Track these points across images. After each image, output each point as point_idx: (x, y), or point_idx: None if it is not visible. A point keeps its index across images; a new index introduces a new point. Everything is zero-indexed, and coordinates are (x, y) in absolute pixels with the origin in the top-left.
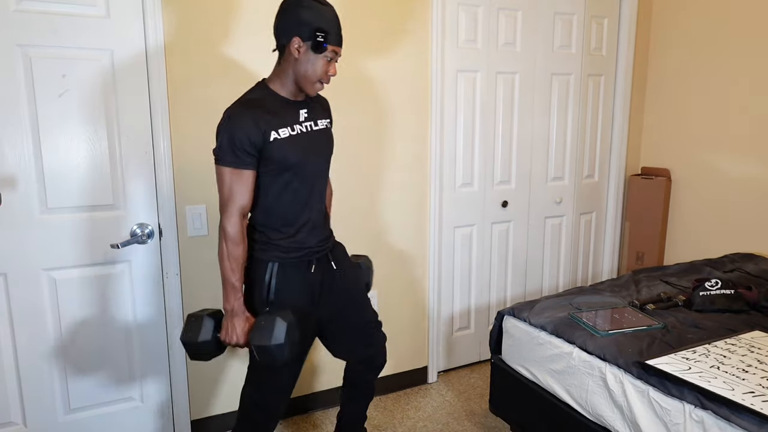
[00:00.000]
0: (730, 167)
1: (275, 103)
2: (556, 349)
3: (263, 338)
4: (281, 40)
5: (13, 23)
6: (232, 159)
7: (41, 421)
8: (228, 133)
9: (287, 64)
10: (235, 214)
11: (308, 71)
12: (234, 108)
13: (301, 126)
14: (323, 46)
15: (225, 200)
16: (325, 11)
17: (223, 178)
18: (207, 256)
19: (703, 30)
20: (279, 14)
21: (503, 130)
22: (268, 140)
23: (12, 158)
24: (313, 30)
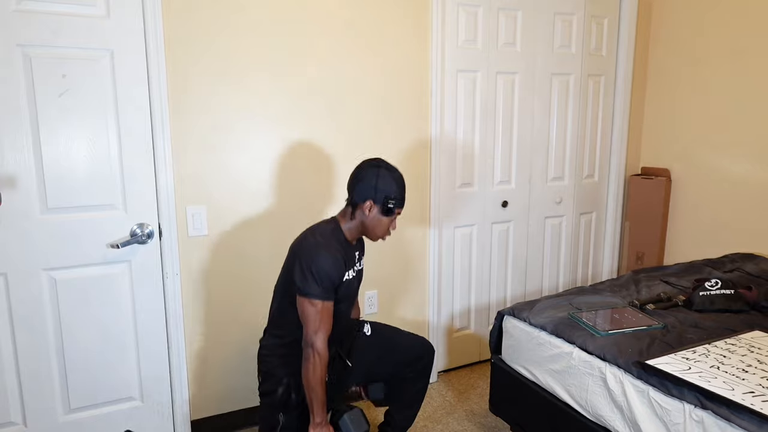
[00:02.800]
0: (730, 167)
1: (346, 246)
2: (556, 349)
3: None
4: (355, 198)
5: (13, 23)
6: (323, 293)
7: (41, 421)
8: (321, 272)
9: (357, 217)
10: (325, 338)
11: (376, 228)
12: (322, 250)
13: (353, 269)
14: (392, 211)
15: (316, 326)
16: (397, 179)
17: (315, 307)
18: (207, 256)
19: (703, 30)
20: (356, 178)
21: (503, 130)
22: (342, 281)
23: (12, 158)
24: (385, 197)
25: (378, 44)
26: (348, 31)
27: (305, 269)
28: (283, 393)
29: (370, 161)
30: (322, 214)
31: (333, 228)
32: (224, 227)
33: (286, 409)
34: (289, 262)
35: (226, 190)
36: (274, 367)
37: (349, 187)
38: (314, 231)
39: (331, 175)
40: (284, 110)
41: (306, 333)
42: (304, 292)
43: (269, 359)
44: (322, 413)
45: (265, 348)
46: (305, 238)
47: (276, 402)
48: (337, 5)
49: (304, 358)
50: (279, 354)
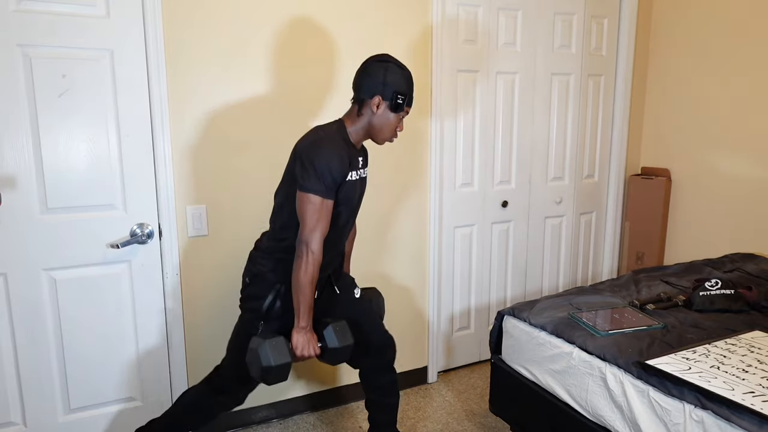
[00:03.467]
0: (730, 167)
1: (350, 147)
2: (556, 349)
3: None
4: (362, 95)
5: (13, 23)
6: (323, 190)
7: (41, 421)
8: (321, 166)
9: (364, 116)
10: (321, 239)
11: (383, 126)
12: (325, 145)
13: (357, 172)
14: (401, 107)
15: (313, 225)
16: (407, 76)
17: (314, 204)
18: (207, 256)
19: (703, 30)
20: (363, 73)
21: (503, 129)
22: (344, 180)
23: (12, 158)
24: (394, 92)
25: (378, 44)
26: (348, 30)
27: (307, 164)
28: (273, 300)
29: (378, 56)
30: None
31: (338, 127)
32: (224, 227)
33: (269, 317)
34: (290, 161)
35: (226, 190)
36: (266, 270)
37: (355, 83)
38: (318, 128)
39: None
40: (284, 110)
41: (302, 230)
42: (303, 187)
43: (263, 261)
44: (307, 317)
45: (260, 249)
46: (308, 135)
47: (261, 308)
48: (338, 5)
49: (297, 255)
50: (275, 257)
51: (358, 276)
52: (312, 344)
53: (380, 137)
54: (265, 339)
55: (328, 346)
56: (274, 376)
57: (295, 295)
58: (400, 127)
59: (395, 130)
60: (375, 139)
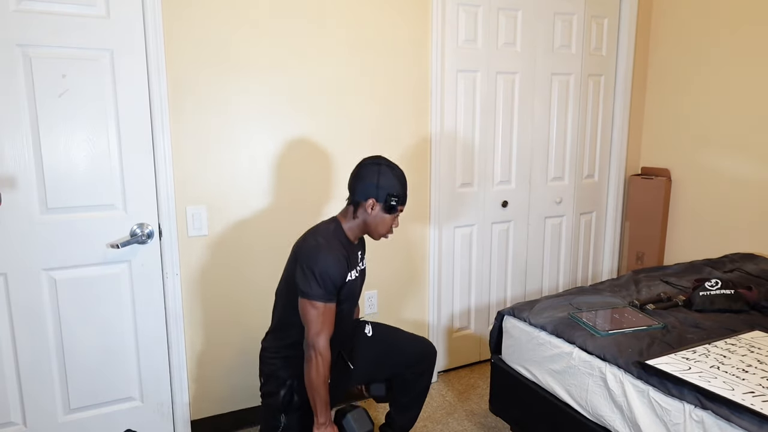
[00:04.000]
0: (730, 167)
1: (348, 246)
2: (556, 349)
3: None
4: (357, 197)
5: (13, 23)
6: (325, 295)
7: (41, 421)
8: (322, 272)
9: (359, 217)
10: (327, 339)
11: (378, 226)
12: (325, 251)
13: (356, 269)
14: (395, 208)
15: (318, 329)
16: (399, 176)
17: (317, 309)
18: (207, 256)
19: (703, 30)
20: (357, 176)
21: (503, 130)
22: (345, 281)
23: (12, 158)
24: (388, 194)
25: (378, 44)
26: (348, 30)
27: (307, 271)
28: (286, 395)
29: (370, 159)
30: (323, 214)
31: (334, 228)
32: (224, 227)
33: (288, 410)
34: (291, 265)
35: (226, 190)
36: (276, 368)
37: (350, 185)
38: (315, 232)
39: (332, 175)
40: (285, 110)
41: (308, 335)
42: (305, 294)
43: (272, 361)
44: (325, 413)
45: (267, 350)
46: (306, 240)
47: (278, 403)
48: (338, 5)
49: (306, 359)
50: (282, 356)
51: None
52: None
53: (376, 234)
54: None
55: None
56: None
57: (311, 395)
58: (395, 223)
59: (390, 227)
60: (371, 236)
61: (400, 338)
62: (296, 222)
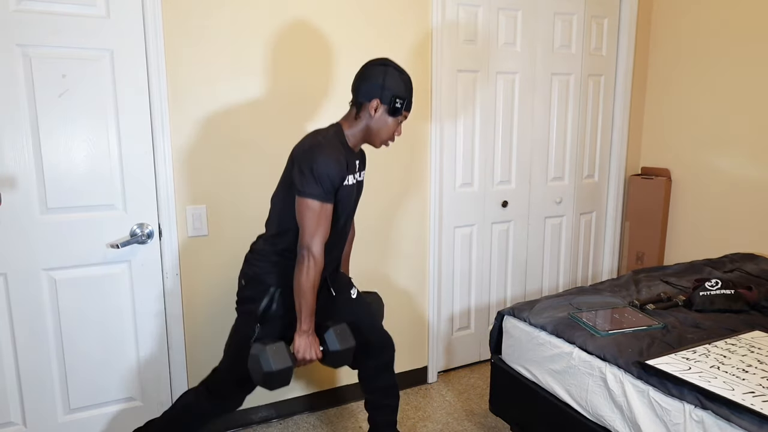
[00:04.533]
0: (730, 167)
1: (347, 151)
2: (556, 349)
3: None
4: (360, 98)
5: (13, 23)
6: (322, 194)
7: (41, 421)
8: (319, 171)
9: (361, 119)
10: (322, 243)
11: (381, 130)
12: (323, 149)
13: (354, 176)
14: (399, 111)
15: (314, 229)
16: (406, 80)
17: (313, 209)
18: (207, 256)
19: (703, 30)
20: (362, 76)
21: (503, 129)
22: (342, 184)
23: (12, 158)
24: (392, 96)
25: (378, 43)
26: (348, 30)
27: (305, 169)
28: (268, 303)
29: (377, 60)
30: None
31: (335, 131)
32: (224, 227)
33: (265, 320)
34: (288, 165)
35: (226, 190)
36: (262, 272)
37: (353, 87)
38: (316, 133)
39: None
40: (284, 109)
41: (302, 236)
42: (302, 192)
43: (260, 264)
44: (309, 321)
45: (255, 252)
46: (305, 140)
47: (257, 311)
48: (338, 5)
49: (298, 261)
50: (271, 261)
51: (359, 276)
52: (314, 348)
53: (378, 141)
54: (266, 344)
55: (329, 350)
56: (277, 381)
57: (297, 300)
58: (398, 131)
59: (393, 134)
60: (372, 143)
61: (373, 319)
62: None
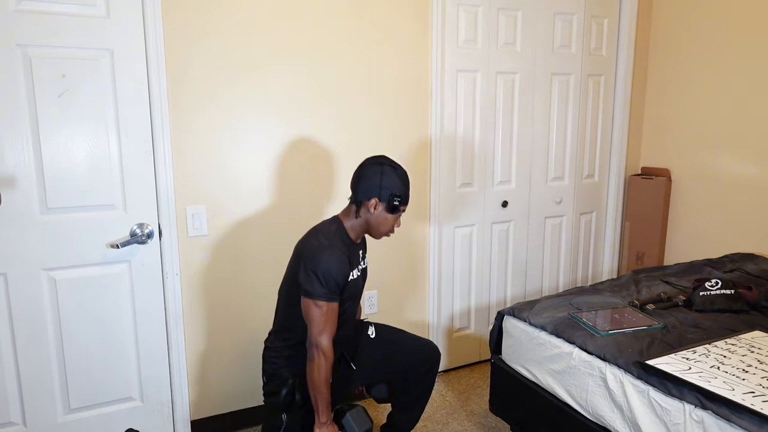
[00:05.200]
0: (730, 167)
1: (350, 246)
2: (556, 349)
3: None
4: (360, 197)
5: (13, 23)
6: (328, 294)
7: (41, 421)
8: (324, 273)
9: (361, 216)
10: (330, 338)
11: (381, 226)
12: (327, 250)
13: (358, 268)
14: (398, 208)
15: (321, 328)
16: (401, 176)
17: (320, 309)
18: (207, 256)
19: (703, 30)
20: (360, 177)
21: (503, 130)
22: (347, 281)
23: (12, 158)
24: (390, 194)
25: (378, 44)
26: (348, 31)
27: (309, 271)
28: (287, 394)
29: (373, 159)
30: (323, 213)
31: (336, 228)
32: (224, 227)
33: (290, 409)
34: (293, 265)
35: (226, 190)
36: (279, 368)
37: (352, 185)
38: (318, 232)
39: (332, 175)
40: (284, 110)
41: (311, 334)
42: (308, 293)
43: (275, 360)
44: (326, 413)
45: (270, 349)
46: (309, 241)
47: (280, 402)
48: (338, 5)
49: (309, 358)
50: (285, 355)
51: None
52: None
53: (377, 234)
54: None
55: None
56: None
57: (312, 394)
58: (397, 223)
59: (392, 227)
60: (373, 235)
61: (404, 340)
62: (296, 222)
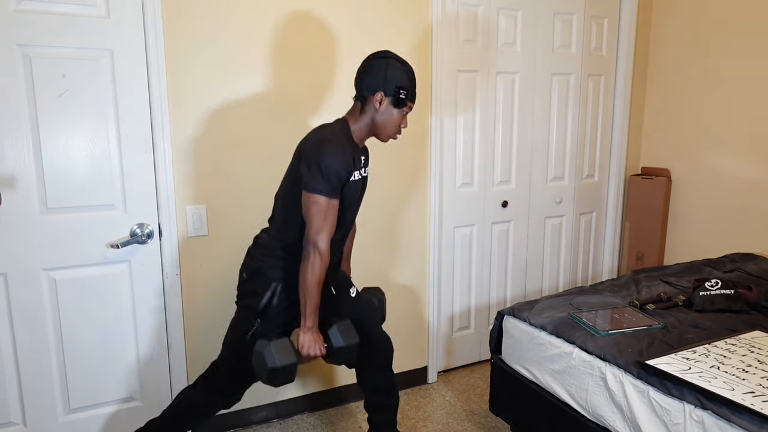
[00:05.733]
0: (730, 167)
1: (353, 146)
2: (556, 349)
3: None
4: (364, 91)
5: (13, 23)
6: (329, 189)
7: (41, 421)
8: (326, 166)
9: (367, 113)
10: (329, 238)
11: (387, 123)
12: (330, 144)
13: (360, 172)
14: (404, 102)
15: (320, 225)
16: (408, 71)
17: (320, 205)
18: (207, 256)
19: (703, 30)
20: (365, 69)
21: (503, 130)
22: (348, 180)
23: (12, 158)
24: (396, 87)
25: (378, 44)
26: (348, 31)
27: (312, 164)
28: (270, 298)
29: (378, 53)
30: None
31: (341, 126)
32: (224, 227)
33: (265, 315)
34: (294, 160)
35: (226, 190)
36: (265, 266)
37: (356, 80)
38: (322, 128)
39: None
40: (285, 109)
41: (309, 231)
42: (310, 188)
43: (263, 258)
44: (314, 317)
45: (261, 246)
46: (312, 135)
47: (258, 306)
48: (337, 5)
49: (304, 256)
50: (277, 256)
51: (359, 276)
52: (318, 344)
53: (384, 134)
54: (270, 340)
55: (333, 346)
56: (282, 377)
57: (302, 296)
58: (404, 123)
59: (399, 127)
60: (379, 137)
61: (371, 316)
62: None
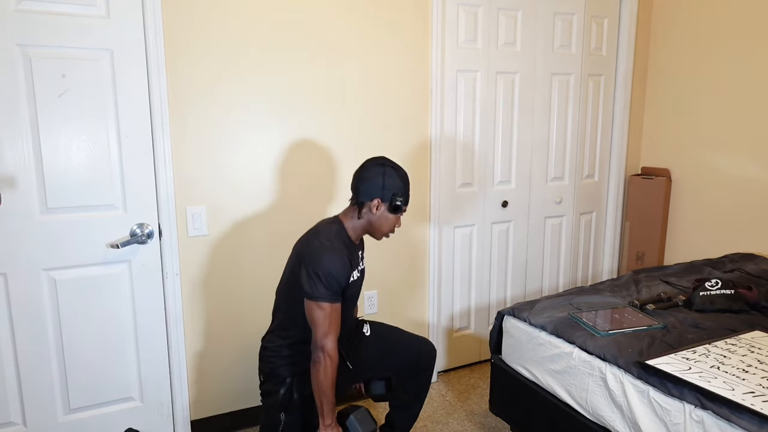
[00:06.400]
0: (730, 167)
1: (350, 247)
2: (556, 349)
3: None
4: (362, 198)
5: (13, 23)
6: (331, 296)
7: (41, 421)
8: (327, 274)
9: (363, 217)
10: (335, 340)
11: (383, 226)
12: (328, 253)
13: (358, 270)
14: (400, 209)
15: (326, 329)
16: (403, 177)
17: (324, 310)
18: (207, 256)
19: (703, 30)
20: (362, 177)
21: (503, 130)
22: (348, 282)
23: (12, 158)
24: (393, 195)
25: (378, 44)
26: (348, 31)
27: (312, 273)
28: (286, 393)
29: (374, 160)
30: (323, 213)
31: (337, 229)
32: (224, 227)
33: (288, 409)
34: (293, 265)
35: (226, 190)
36: (277, 367)
37: (353, 186)
38: (318, 233)
39: (332, 175)
40: (284, 110)
41: (315, 336)
42: (312, 295)
43: (273, 360)
44: (332, 415)
45: (268, 349)
46: (310, 242)
47: (278, 402)
48: (338, 6)
49: (314, 361)
50: (283, 354)
51: None
52: None
53: (379, 233)
54: None
55: None
56: None
57: (318, 397)
58: (398, 223)
59: (393, 227)
60: (374, 236)
61: (400, 337)
62: (297, 222)
